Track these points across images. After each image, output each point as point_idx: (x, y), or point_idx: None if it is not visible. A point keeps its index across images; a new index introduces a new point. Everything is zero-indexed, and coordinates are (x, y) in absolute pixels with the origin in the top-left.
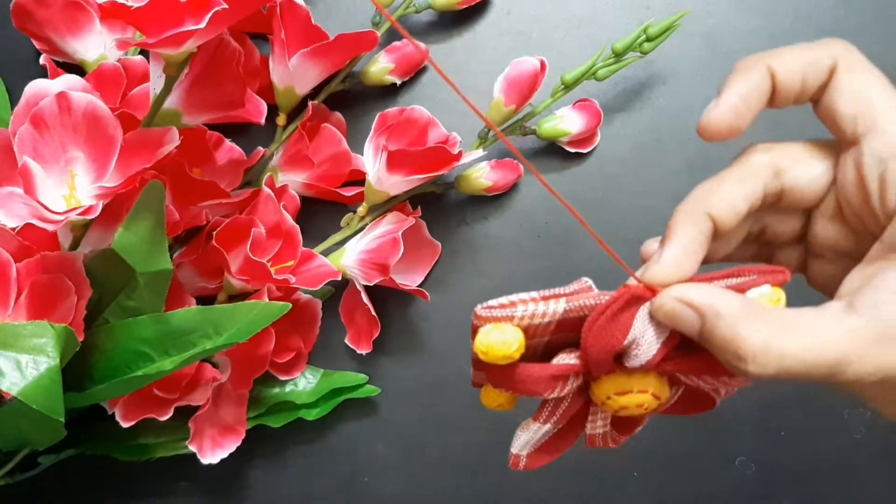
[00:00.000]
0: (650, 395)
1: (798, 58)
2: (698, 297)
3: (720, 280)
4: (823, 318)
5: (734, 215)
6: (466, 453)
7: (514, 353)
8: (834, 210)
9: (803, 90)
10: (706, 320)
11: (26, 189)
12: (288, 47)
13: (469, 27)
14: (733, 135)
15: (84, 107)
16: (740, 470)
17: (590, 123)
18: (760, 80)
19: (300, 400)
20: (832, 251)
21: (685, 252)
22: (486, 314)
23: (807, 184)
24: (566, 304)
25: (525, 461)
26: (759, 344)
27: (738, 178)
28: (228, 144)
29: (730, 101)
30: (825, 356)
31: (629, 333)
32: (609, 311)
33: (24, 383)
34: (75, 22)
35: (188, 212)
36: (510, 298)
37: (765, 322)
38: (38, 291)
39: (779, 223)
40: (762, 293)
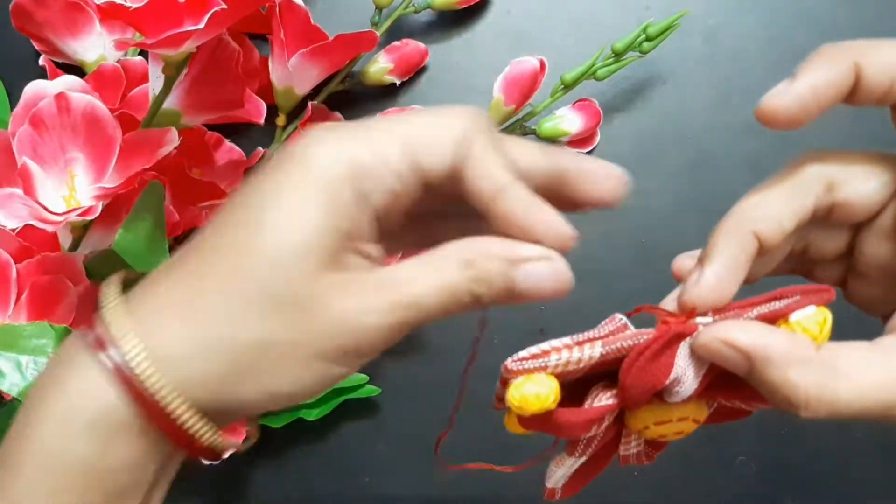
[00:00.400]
0: (690, 420)
1: (890, 58)
2: (744, 338)
3: (763, 305)
4: (876, 359)
5: (781, 233)
6: (467, 454)
7: (551, 406)
8: (890, 227)
9: (889, 94)
10: (755, 364)
11: (26, 190)
12: (287, 47)
13: (468, 27)
14: (793, 126)
15: (83, 107)
16: (741, 469)
17: (589, 123)
18: (842, 76)
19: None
20: (879, 271)
21: (728, 271)
22: (517, 367)
23: (862, 199)
24: (602, 348)
25: (560, 493)
26: (812, 392)
27: (787, 192)
28: (228, 145)
29: (798, 91)
30: (878, 400)
31: (671, 373)
32: (649, 352)
33: (25, 384)
34: (75, 23)
35: (188, 212)
36: (542, 347)
37: (816, 367)
38: (38, 292)
39: (824, 240)
40: (807, 315)
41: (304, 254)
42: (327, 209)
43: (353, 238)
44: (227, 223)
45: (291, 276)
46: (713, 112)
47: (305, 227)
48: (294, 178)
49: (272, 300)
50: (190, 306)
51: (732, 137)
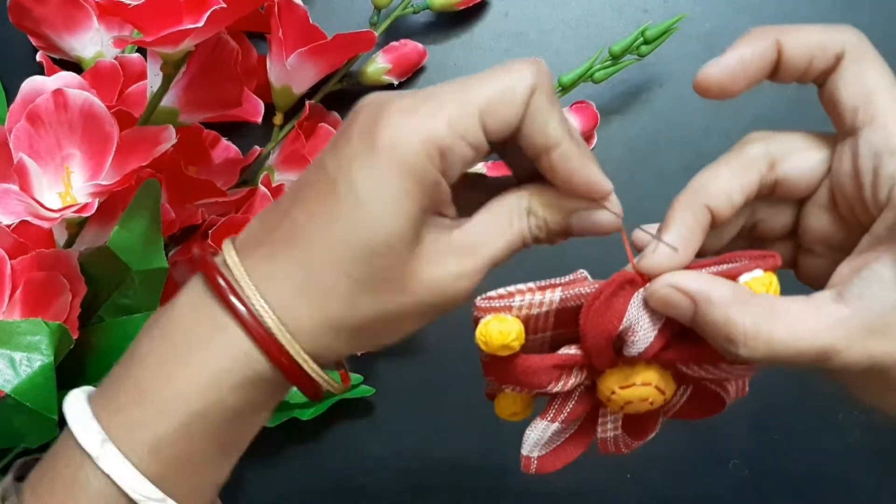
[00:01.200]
0: (654, 387)
1: (809, 37)
2: (691, 283)
3: (712, 266)
4: (812, 307)
5: (731, 207)
6: (461, 454)
7: (514, 343)
8: (828, 200)
9: (808, 71)
10: (698, 306)
11: (22, 186)
12: (285, 47)
13: (467, 28)
14: (724, 95)
15: (80, 104)
16: (734, 472)
17: (587, 125)
18: (765, 49)
19: (294, 399)
20: (823, 244)
21: (683, 240)
22: (485, 305)
23: (802, 174)
24: (562, 292)
25: (536, 464)
26: (749, 328)
27: (735, 169)
28: (225, 143)
29: (728, 62)
30: (813, 343)
31: (624, 319)
32: (603, 297)
33: (18, 381)
34: (72, 19)
35: (184, 210)
36: (508, 289)
37: (755, 307)
38: (33, 289)
39: (771, 216)
40: (754, 277)
41: (400, 241)
42: (416, 196)
43: (436, 206)
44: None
45: (392, 262)
46: (710, 115)
47: (400, 217)
48: (382, 167)
49: (379, 283)
50: (314, 290)
51: (728, 141)
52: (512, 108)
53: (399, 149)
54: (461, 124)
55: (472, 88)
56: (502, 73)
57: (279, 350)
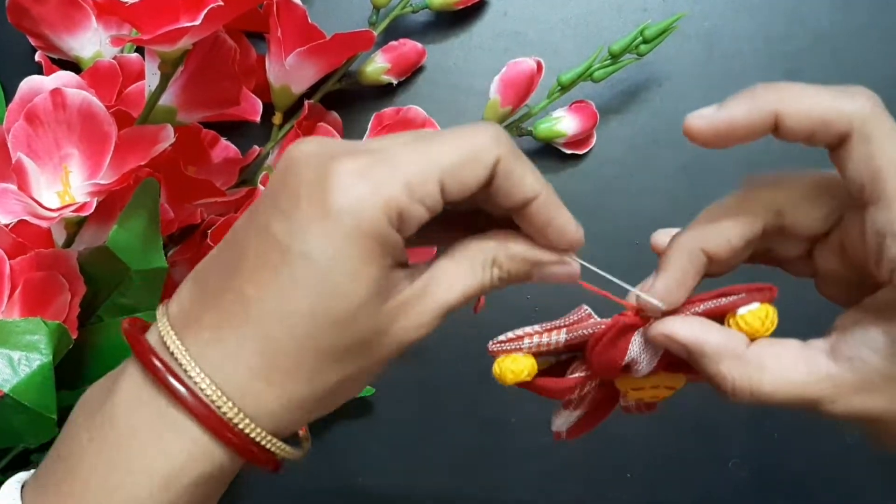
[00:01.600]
0: (663, 388)
1: (811, 111)
2: (684, 334)
3: (711, 300)
4: (804, 359)
5: (730, 251)
6: (461, 454)
7: (526, 378)
8: (838, 246)
9: (811, 141)
10: (691, 356)
11: (20, 186)
12: (284, 46)
13: (466, 28)
14: (709, 146)
15: (79, 103)
16: (734, 472)
17: (586, 125)
18: (760, 117)
19: None
20: (833, 278)
21: (676, 284)
22: (497, 349)
23: (809, 225)
24: (567, 334)
25: (565, 435)
26: (737, 382)
27: (737, 216)
28: (224, 143)
29: (716, 121)
30: (800, 395)
31: (626, 356)
32: (605, 339)
33: (17, 380)
34: (71, 19)
35: (183, 210)
36: (516, 333)
37: (744, 362)
38: (32, 288)
39: (783, 248)
40: (751, 310)
41: (365, 307)
42: (377, 260)
43: (396, 262)
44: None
45: (358, 329)
46: None
47: (363, 284)
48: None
49: (345, 350)
50: (275, 372)
51: None
52: (477, 172)
53: (357, 214)
54: (420, 189)
55: (432, 152)
56: (463, 138)
57: (243, 439)
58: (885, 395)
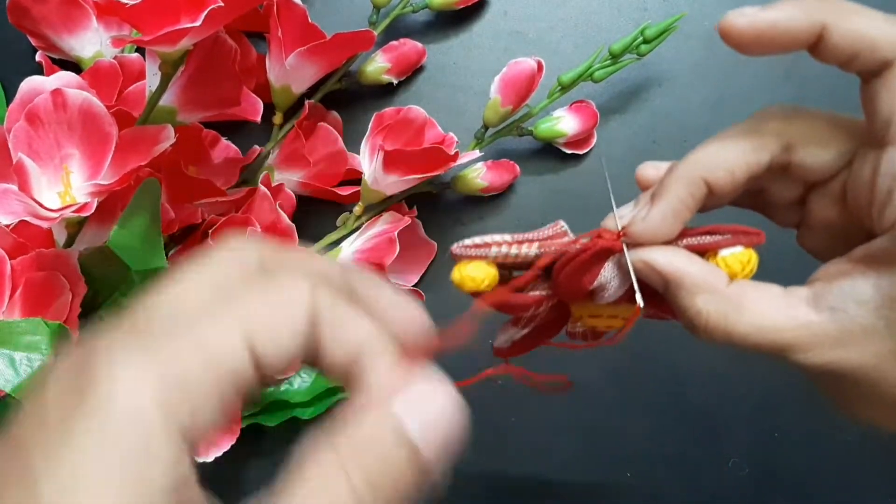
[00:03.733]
0: (620, 318)
1: (858, 30)
2: (664, 264)
3: (696, 237)
4: (783, 303)
5: (731, 183)
6: (461, 453)
7: (486, 288)
8: (838, 193)
9: (850, 64)
10: (668, 287)
11: (21, 186)
12: (284, 46)
13: (466, 27)
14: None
15: (79, 104)
16: (733, 472)
17: (586, 125)
18: (805, 26)
19: (295, 399)
20: (823, 228)
21: (673, 213)
22: (461, 252)
23: (817, 165)
24: (538, 249)
25: (506, 351)
26: (712, 318)
27: (744, 146)
28: (224, 143)
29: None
30: (772, 340)
31: (596, 281)
32: (577, 262)
33: (18, 380)
34: (72, 19)
35: (184, 210)
36: (484, 239)
37: (721, 299)
38: (33, 289)
39: (779, 189)
40: (733, 252)
41: None
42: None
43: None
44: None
45: None
46: (710, 114)
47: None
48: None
49: None
50: None
51: None
52: (286, 333)
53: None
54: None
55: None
56: (270, 289)
57: None
58: (862, 350)
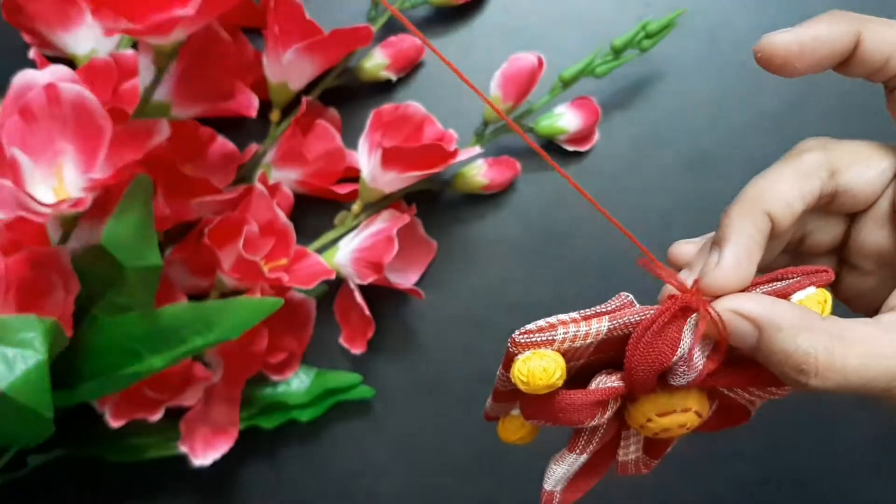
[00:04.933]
0: (693, 412)
1: (891, 35)
2: (755, 308)
3: (764, 284)
4: (882, 332)
5: (791, 215)
6: (462, 454)
7: (557, 382)
8: (887, 214)
9: (882, 70)
10: (764, 333)
11: (14, 181)
12: (282, 42)
13: (466, 22)
14: (784, 70)
15: (72, 98)
16: (740, 471)
17: (588, 121)
18: (843, 35)
19: (293, 401)
20: (873, 260)
21: (747, 254)
22: (525, 340)
23: (862, 185)
24: (609, 322)
25: (559, 497)
26: (821, 356)
27: (794, 176)
28: (221, 140)
29: (801, 36)
30: (886, 370)
31: (678, 349)
32: (655, 327)
33: (12, 378)
34: (66, 15)
35: (180, 208)
36: (549, 321)
37: (826, 333)
38: (26, 286)
39: (821, 229)
40: (808, 295)
41: None
42: None
43: None
44: None
45: None
46: (712, 110)
47: None
48: None
49: None
50: None
51: (731, 136)
52: None
53: None
54: None
55: None
56: None
57: None
58: None
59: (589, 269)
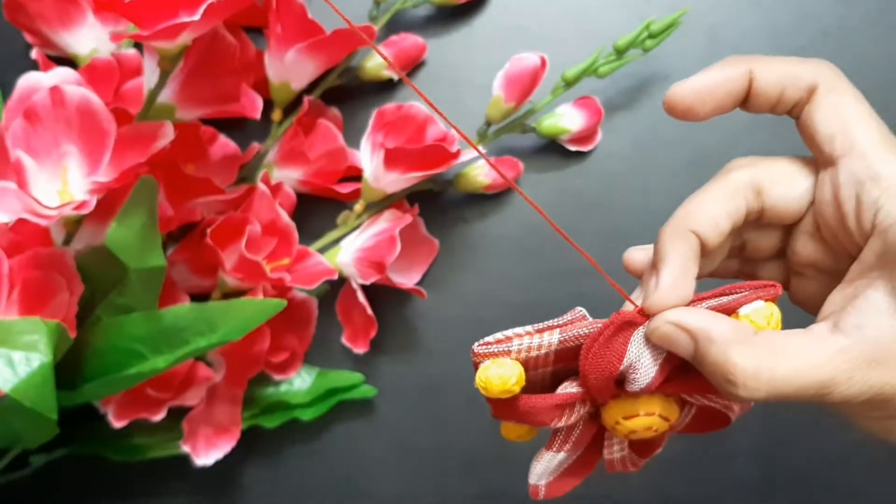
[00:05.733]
0: (657, 416)
1: (781, 68)
2: (691, 321)
3: (712, 299)
4: (811, 341)
5: (718, 234)
6: (463, 454)
7: (514, 387)
8: (813, 228)
9: (780, 101)
10: (699, 345)
11: (19, 183)
12: (284, 42)
13: (467, 22)
14: (688, 116)
15: (77, 100)
16: (741, 470)
17: (590, 121)
18: (736, 76)
19: (295, 400)
20: (812, 268)
21: (682, 272)
22: (483, 350)
23: (787, 203)
24: (560, 335)
25: (544, 490)
26: (749, 369)
27: (720, 196)
28: (223, 140)
29: (696, 84)
30: (813, 379)
31: (625, 359)
32: (602, 339)
33: (17, 380)
34: (68, 15)
35: (182, 208)
36: (505, 333)
37: (754, 347)
38: (30, 288)
39: (759, 239)
40: (756, 309)
41: None
42: None
43: None
44: None
45: None
46: None
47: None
48: None
49: None
50: None
51: (733, 136)
52: None
53: None
54: None
55: None
56: None
57: None
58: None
59: (590, 269)
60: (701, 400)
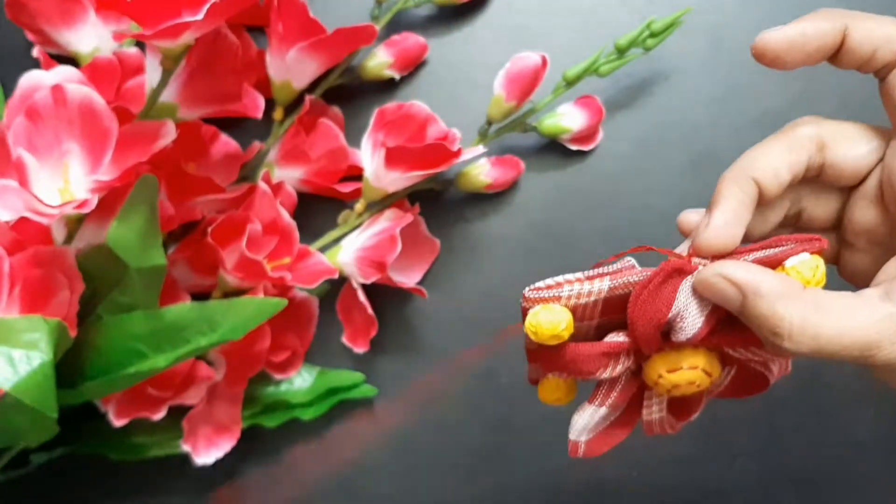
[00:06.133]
0: (700, 370)
1: (877, 28)
2: (740, 273)
3: (759, 251)
4: (859, 303)
5: (777, 183)
6: (464, 454)
7: (563, 333)
8: (875, 193)
9: (870, 61)
10: (747, 297)
11: (21, 182)
12: (285, 41)
13: (469, 21)
14: (776, 64)
15: (79, 99)
16: (741, 470)
17: (591, 120)
18: (829, 30)
19: (296, 399)
20: (866, 238)
21: (735, 215)
22: (533, 296)
23: (849, 162)
24: (610, 281)
25: (584, 448)
26: (796, 322)
27: (783, 146)
28: (224, 139)
29: (788, 33)
30: (859, 339)
31: (673, 306)
32: (652, 285)
33: (17, 378)
34: (70, 13)
35: (183, 207)
36: (556, 280)
37: (803, 302)
38: (31, 286)
39: (816, 205)
40: (802, 261)
41: None
42: None
43: None
44: None
45: None
46: (716, 109)
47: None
48: None
49: None
50: None
51: (735, 134)
52: None
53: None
54: None
55: None
56: None
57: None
58: None
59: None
60: (745, 354)
